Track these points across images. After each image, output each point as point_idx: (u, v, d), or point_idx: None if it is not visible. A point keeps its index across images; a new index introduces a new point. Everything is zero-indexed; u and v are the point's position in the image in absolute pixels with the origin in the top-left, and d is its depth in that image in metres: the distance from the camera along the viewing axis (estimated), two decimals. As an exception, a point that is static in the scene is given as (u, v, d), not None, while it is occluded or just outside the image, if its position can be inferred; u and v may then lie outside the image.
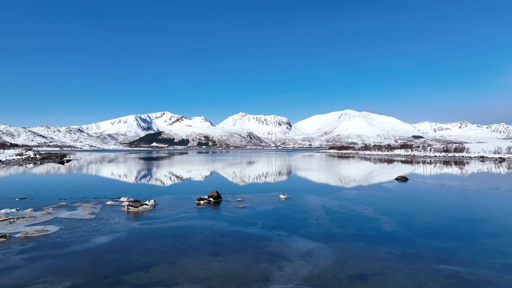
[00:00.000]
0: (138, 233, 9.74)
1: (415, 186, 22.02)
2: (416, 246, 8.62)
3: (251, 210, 13.36)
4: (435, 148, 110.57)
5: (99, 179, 27.89)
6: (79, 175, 32.21)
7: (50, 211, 12.65)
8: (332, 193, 18.44)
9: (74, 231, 9.91)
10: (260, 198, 16.35)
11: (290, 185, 22.80)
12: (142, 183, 24.49)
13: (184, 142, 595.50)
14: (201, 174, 32.05)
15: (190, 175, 30.77)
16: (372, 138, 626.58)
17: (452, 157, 79.28)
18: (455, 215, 12.65)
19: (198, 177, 29.60)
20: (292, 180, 27.62)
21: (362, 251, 8.21)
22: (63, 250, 8.15)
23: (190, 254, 7.96)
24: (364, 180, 26.83)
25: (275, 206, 14.26)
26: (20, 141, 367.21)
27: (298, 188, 20.71)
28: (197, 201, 15.13)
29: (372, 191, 19.35)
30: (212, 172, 35.26)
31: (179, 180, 26.83)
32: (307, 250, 8.19)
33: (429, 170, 38.49)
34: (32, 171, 34.83)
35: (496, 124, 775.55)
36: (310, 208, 13.69)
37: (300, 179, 28.21)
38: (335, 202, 15.31)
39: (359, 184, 23.73)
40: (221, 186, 21.66)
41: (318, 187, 21.69)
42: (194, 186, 22.58)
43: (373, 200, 16.11)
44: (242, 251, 8.17)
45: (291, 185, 23.32)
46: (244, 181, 25.49)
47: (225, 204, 14.67)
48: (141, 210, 13.13)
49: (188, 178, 28.64)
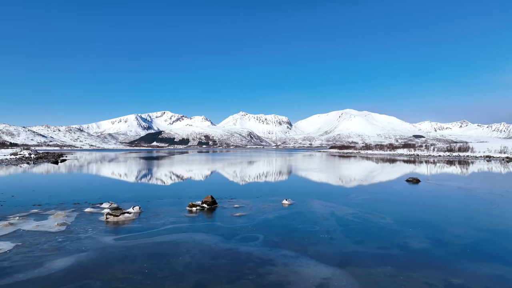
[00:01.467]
0: (110, 253, 7.87)
1: (430, 189, 20.13)
2: (461, 273, 6.74)
3: (250, 219, 11.48)
4: (439, 147, 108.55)
5: (87, 181, 25.97)
6: (68, 176, 30.35)
7: (15, 221, 10.79)
8: (341, 197, 16.56)
9: (31, 249, 8.04)
10: (260, 204, 14.48)
11: (293, 188, 20.83)
12: (132, 186, 22.58)
13: (185, 142, 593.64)
14: (197, 175, 30.15)
15: (185, 177, 28.89)
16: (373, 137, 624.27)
17: (457, 157, 77.32)
18: (491, 226, 10.75)
19: (193, 178, 27.65)
20: (295, 182, 25.68)
21: (391, 281, 6.34)
22: (3, 280, 6.28)
23: (169, 286, 6.10)
24: (373, 182, 24.92)
25: (278, 214, 12.39)
26: (20, 140, 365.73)
27: (302, 191, 18.83)
28: (189, 208, 13.28)
29: (384, 195, 17.47)
30: (209, 173, 33.35)
31: (172, 181, 24.90)
32: (322, 280, 6.32)
33: (437, 171, 36.59)
34: (20, 172, 32.98)
35: (497, 123, 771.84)
36: (318, 217, 11.82)
37: (303, 181, 26.26)
38: (346, 209, 13.44)
39: (368, 186, 21.84)
40: (217, 189, 19.80)
41: (324, 190, 19.77)
42: (188, 189, 20.59)
43: (388, 206, 14.23)
44: (237, 281, 6.31)
45: (294, 188, 21.31)
46: (243, 184, 23.59)
47: (220, 212, 12.80)
48: (122, 220, 11.27)
49: (182, 179, 26.73)
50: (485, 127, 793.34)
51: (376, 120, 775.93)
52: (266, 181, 25.18)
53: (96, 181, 25.56)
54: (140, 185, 23.08)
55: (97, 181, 25.54)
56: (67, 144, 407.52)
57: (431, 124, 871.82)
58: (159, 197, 16.30)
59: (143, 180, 26.77)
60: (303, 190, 19.70)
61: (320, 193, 17.98)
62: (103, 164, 49.61)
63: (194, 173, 32.04)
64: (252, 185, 22.86)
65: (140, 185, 23.08)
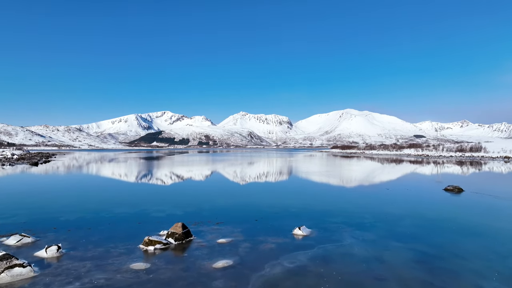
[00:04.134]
0: None
1: (489, 204, 14.98)
2: None
3: (241, 278, 6.39)
4: (448, 147, 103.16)
5: (36, 193, 19.64)
6: (22, 184, 25.13)
7: None
8: (377, 221, 11.41)
9: None
10: (259, 236, 9.34)
11: (304, 204, 15.13)
12: (83, 202, 15.56)
13: (185, 142, 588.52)
14: (179, 184, 24.61)
15: (162, 186, 23.22)
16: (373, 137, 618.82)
17: (470, 157, 72.14)
18: None
19: (172, 188, 21.84)
20: (305, 194, 19.27)
21: None
22: None
23: None
24: (405, 192, 19.51)
25: (290, 262, 7.26)
26: (18, 140, 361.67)
27: (318, 210, 13.64)
28: (144, 246, 8.18)
29: (435, 214, 12.31)
30: (197, 179, 27.70)
31: (140, 196, 17.84)
32: None
33: (467, 174, 31.48)
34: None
35: (498, 123, 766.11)
36: (359, 271, 6.71)
37: (315, 192, 20.46)
38: (398, 247, 8.31)
39: (403, 200, 16.61)
40: (200, 204, 14.64)
41: (348, 208, 14.45)
42: (159, 204, 14.60)
43: (459, 239, 9.09)
44: None
45: (306, 203, 15.51)
46: (236, 197, 18.13)
47: (193, 256, 7.70)
48: (7, 282, 6.18)
49: (156, 190, 20.71)
50: (486, 127, 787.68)
51: (376, 120, 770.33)
52: (267, 193, 20.01)
53: (45, 193, 19.62)
54: (95, 200, 16.51)
55: (46, 194, 19.72)
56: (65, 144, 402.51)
57: (432, 124, 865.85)
58: (109, 221, 11.12)
59: (104, 193, 20.63)
60: (318, 207, 14.44)
61: (343, 213, 12.81)
62: (82, 167, 44.46)
63: (177, 180, 26.63)
64: (249, 198, 17.68)
65: (95, 200, 16.51)
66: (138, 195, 18.23)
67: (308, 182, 25.53)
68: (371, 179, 27.69)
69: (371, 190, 20.94)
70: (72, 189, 20.99)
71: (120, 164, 49.49)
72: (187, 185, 23.60)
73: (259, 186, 22.71)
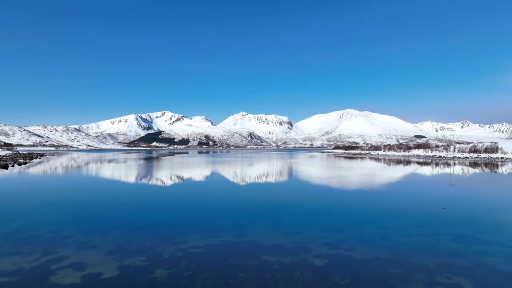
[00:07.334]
0: None
1: None
2: None
3: None
4: (460, 148, 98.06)
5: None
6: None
7: None
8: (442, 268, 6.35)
9: None
10: None
11: (321, 232, 10.20)
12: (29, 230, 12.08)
13: (185, 142, 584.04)
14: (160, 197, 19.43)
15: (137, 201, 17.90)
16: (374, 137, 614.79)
17: (489, 159, 67.09)
18: None
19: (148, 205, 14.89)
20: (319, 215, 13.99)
21: None
22: None
23: None
24: (479, 216, 14.52)
25: None
26: (15, 140, 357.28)
27: (341, 240, 8.59)
28: None
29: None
30: (181, 189, 22.05)
31: (106, 218, 12.85)
32: None
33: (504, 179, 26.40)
34: None
35: (499, 123, 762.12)
36: None
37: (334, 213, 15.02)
38: None
39: (494, 233, 11.61)
40: (179, 234, 9.58)
41: (386, 234, 9.39)
42: (117, 242, 9.09)
43: None
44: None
45: (323, 231, 10.62)
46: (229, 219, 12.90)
47: None
48: None
49: (127, 210, 13.77)
50: (487, 127, 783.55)
51: (377, 120, 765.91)
52: (270, 210, 15.00)
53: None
54: (43, 228, 12.65)
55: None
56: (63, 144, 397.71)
57: (432, 124, 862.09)
58: None
59: (49, 213, 16.36)
60: (343, 233, 9.35)
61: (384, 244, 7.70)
62: (56, 171, 39.41)
63: (159, 193, 20.59)
64: (247, 221, 12.62)
65: (43, 228, 12.65)
66: (94, 216, 13.15)
67: (312, 187, 20.31)
68: (412, 191, 22.50)
69: (426, 211, 15.63)
70: (17, 201, 15.88)
71: (111, 166, 44.46)
72: (173, 194, 18.51)
73: (259, 205, 17.63)
